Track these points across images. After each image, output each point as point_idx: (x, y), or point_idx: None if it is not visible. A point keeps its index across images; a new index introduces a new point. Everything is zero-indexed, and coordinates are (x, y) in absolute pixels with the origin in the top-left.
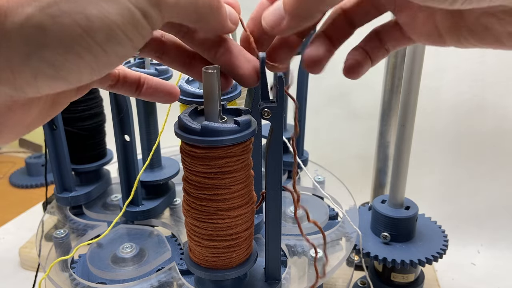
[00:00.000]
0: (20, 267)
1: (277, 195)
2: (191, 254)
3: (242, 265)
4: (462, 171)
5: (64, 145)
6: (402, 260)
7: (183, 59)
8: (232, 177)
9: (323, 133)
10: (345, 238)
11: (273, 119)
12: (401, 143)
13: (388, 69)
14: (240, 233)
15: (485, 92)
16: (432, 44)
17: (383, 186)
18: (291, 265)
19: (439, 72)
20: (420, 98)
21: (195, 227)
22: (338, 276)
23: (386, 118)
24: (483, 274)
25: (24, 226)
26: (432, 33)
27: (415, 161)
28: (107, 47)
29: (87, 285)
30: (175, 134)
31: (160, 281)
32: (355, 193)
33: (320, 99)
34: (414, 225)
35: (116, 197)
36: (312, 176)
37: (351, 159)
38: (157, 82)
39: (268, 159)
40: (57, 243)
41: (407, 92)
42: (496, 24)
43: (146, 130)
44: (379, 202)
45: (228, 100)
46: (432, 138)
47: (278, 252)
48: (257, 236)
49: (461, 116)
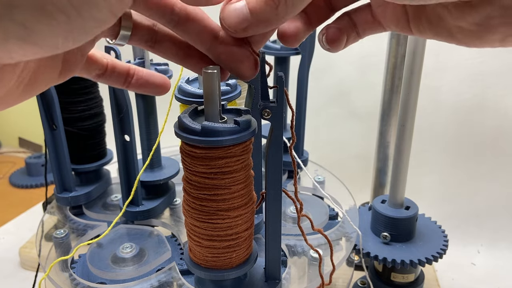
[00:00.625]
0: (20, 267)
1: (277, 195)
2: (191, 254)
3: (242, 265)
4: (462, 171)
5: (64, 145)
6: (402, 260)
7: (177, 50)
8: (232, 177)
9: (323, 133)
10: (345, 238)
11: (273, 119)
12: (401, 143)
13: (388, 69)
14: (240, 233)
15: (485, 92)
16: (400, 31)
17: (383, 186)
18: (291, 265)
19: (439, 72)
20: (420, 98)
21: (195, 227)
22: (338, 276)
23: (386, 118)
24: (483, 274)
25: (24, 226)
26: (400, 20)
27: (415, 161)
28: (82, 9)
29: (87, 285)
30: (175, 134)
31: (160, 281)
32: (355, 193)
33: (320, 99)
34: (414, 225)
35: (116, 197)
36: (312, 176)
37: (351, 159)
38: (147, 73)
39: (268, 159)
40: (57, 243)
41: (407, 92)
42: (448, 17)
43: (146, 130)
44: (379, 202)
45: (228, 100)
46: (432, 138)
47: (278, 252)
48: (257, 236)
49: (461, 116)
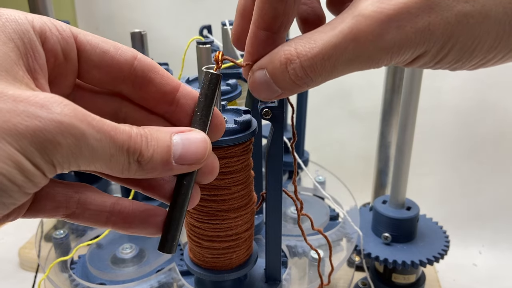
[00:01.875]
0: (20, 267)
1: (277, 195)
2: (191, 254)
3: (242, 266)
4: (463, 172)
5: None
6: (403, 261)
7: None
8: (232, 178)
9: (324, 133)
10: (346, 238)
11: (273, 119)
12: (402, 144)
13: (389, 68)
14: (240, 234)
15: (486, 93)
16: None
17: (384, 187)
18: (292, 266)
19: (440, 72)
20: (421, 98)
21: (195, 227)
22: (339, 277)
23: (387, 118)
24: (484, 275)
25: (23, 227)
26: None
27: (416, 161)
28: None
29: (87, 285)
30: None
31: (160, 282)
32: (356, 193)
33: (320, 99)
34: (415, 225)
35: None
36: (313, 176)
37: (352, 159)
38: None
39: (268, 159)
40: (56, 244)
41: (408, 92)
42: None
43: None
44: (380, 203)
45: (228, 100)
46: (434, 138)
47: (278, 253)
48: (257, 237)
49: (463, 116)
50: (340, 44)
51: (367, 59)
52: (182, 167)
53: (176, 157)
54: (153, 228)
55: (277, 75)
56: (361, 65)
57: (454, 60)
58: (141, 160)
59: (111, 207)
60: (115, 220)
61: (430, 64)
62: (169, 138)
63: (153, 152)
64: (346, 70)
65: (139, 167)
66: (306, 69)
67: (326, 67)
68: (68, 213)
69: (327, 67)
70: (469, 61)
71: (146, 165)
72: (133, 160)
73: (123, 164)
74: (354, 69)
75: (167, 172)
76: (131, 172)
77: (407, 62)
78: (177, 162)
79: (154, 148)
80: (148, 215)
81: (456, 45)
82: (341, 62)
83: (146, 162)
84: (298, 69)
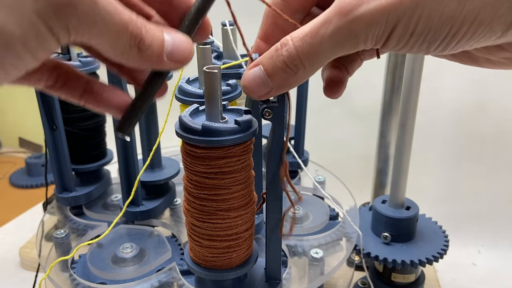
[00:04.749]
0: (20, 267)
1: (277, 195)
2: (191, 254)
3: (242, 266)
4: (463, 171)
5: (64, 145)
6: (403, 260)
7: None
8: (232, 177)
9: (324, 133)
10: (345, 238)
11: (274, 119)
12: (402, 143)
13: (389, 68)
14: (240, 234)
15: (485, 92)
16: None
17: (384, 186)
18: (292, 265)
19: (439, 72)
20: (420, 98)
21: (195, 227)
22: (338, 276)
23: (386, 118)
24: (484, 275)
25: (24, 226)
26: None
27: (416, 161)
28: (1, 58)
29: (87, 285)
30: (176, 134)
31: (161, 281)
32: (356, 193)
33: (320, 99)
34: (414, 225)
35: (116, 197)
36: (313, 176)
37: (352, 159)
38: None
39: (269, 159)
40: (57, 243)
41: (407, 92)
42: (475, 51)
43: (146, 130)
44: (379, 202)
45: (229, 100)
46: (433, 138)
47: (278, 253)
48: (257, 236)
49: (462, 116)
50: (325, 20)
51: (347, 34)
52: (171, 63)
53: (167, 52)
54: (117, 109)
55: (270, 62)
56: (342, 40)
57: (426, 29)
58: (141, 46)
59: (85, 85)
60: (87, 97)
61: (404, 39)
62: (162, 33)
63: (152, 41)
64: (331, 49)
65: (138, 53)
66: (297, 49)
67: (314, 45)
68: (49, 84)
69: (314, 44)
70: (444, 35)
71: (145, 52)
72: (134, 44)
73: (125, 45)
74: (337, 47)
75: (157, 65)
76: (129, 56)
77: (383, 39)
78: (167, 58)
79: (152, 37)
80: (115, 95)
81: (424, 12)
82: (326, 38)
83: (145, 48)
84: (290, 49)
